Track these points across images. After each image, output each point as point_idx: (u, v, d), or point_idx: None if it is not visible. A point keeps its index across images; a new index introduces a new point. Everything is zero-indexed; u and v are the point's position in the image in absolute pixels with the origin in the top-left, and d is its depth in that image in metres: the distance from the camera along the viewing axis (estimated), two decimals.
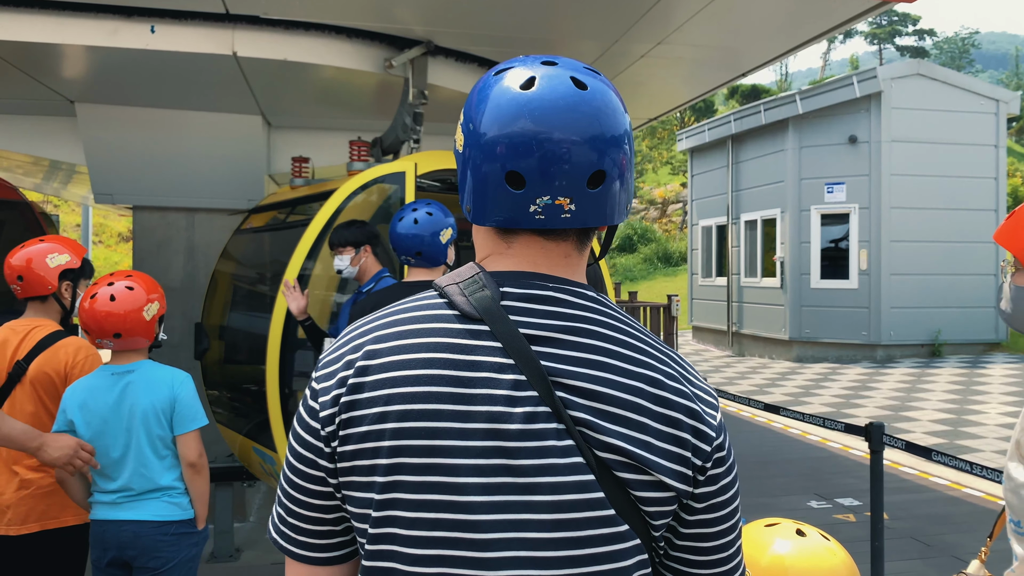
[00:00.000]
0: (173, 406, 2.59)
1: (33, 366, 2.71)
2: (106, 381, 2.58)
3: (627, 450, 0.95)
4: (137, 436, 2.56)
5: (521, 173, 0.95)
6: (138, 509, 2.54)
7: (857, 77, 13.19)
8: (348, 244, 3.96)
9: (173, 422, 2.59)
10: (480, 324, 0.97)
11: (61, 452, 2.36)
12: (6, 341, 2.74)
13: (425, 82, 5.43)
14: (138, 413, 2.56)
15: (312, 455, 1.00)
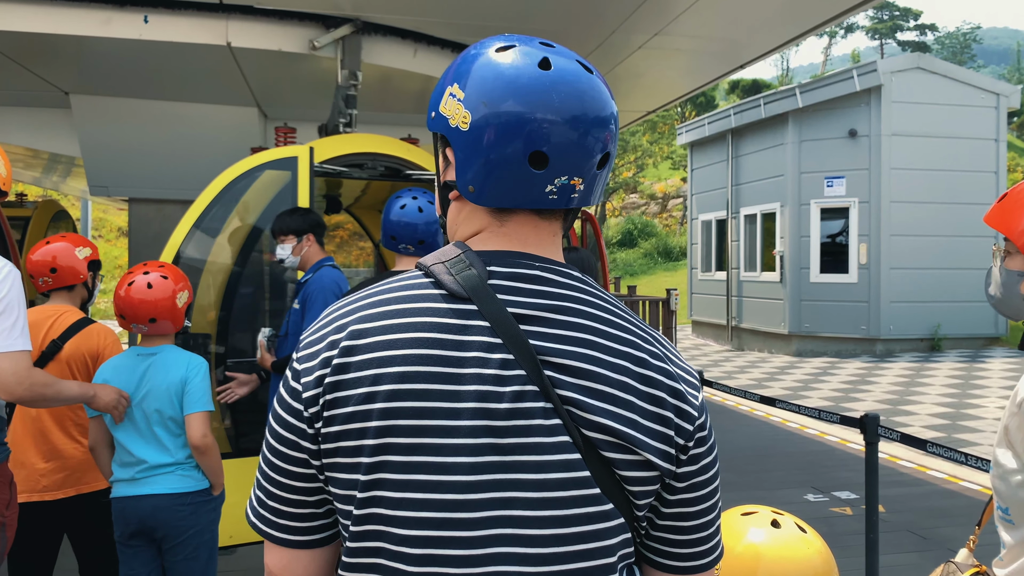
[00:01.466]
0: (184, 387, 2.76)
1: (68, 346, 2.96)
2: (132, 362, 2.80)
3: (613, 428, 0.95)
4: (151, 414, 2.75)
5: (547, 153, 0.96)
6: (155, 484, 2.72)
7: (857, 71, 13.14)
8: (290, 232, 3.83)
9: (183, 403, 2.75)
10: (468, 303, 0.97)
11: (109, 398, 2.68)
12: (38, 323, 2.99)
13: (358, 63, 5.24)
14: (154, 392, 2.75)
15: (294, 436, 0.99)
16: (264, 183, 4.53)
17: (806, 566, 1.48)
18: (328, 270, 3.78)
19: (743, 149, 15.39)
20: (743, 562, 1.48)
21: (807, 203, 13.70)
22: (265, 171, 4.43)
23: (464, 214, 1.05)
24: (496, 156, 0.97)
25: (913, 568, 4.41)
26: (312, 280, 3.73)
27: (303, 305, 3.71)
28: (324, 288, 3.70)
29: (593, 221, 7.18)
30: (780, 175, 14.06)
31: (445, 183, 1.06)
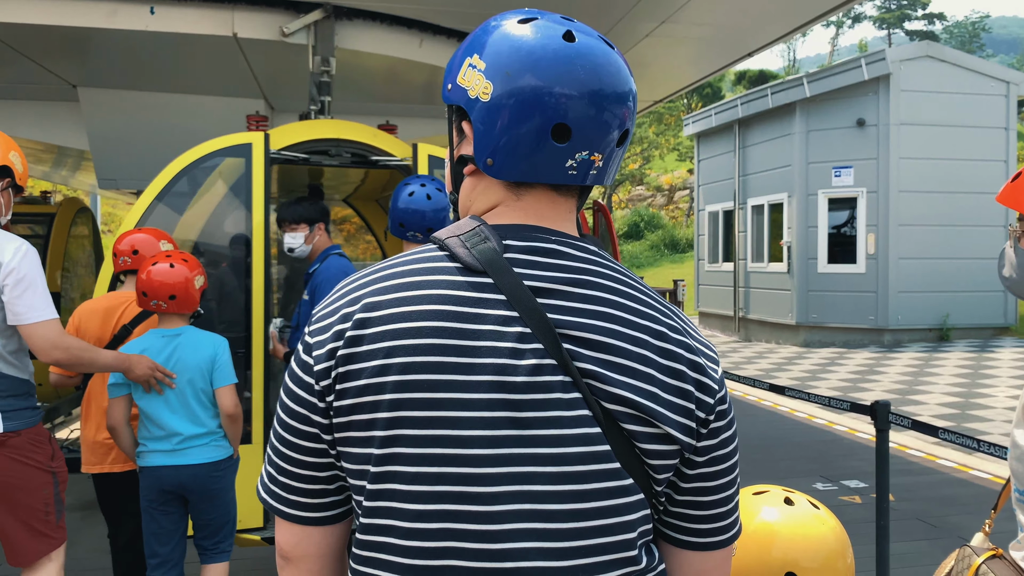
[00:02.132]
0: (214, 363, 3.06)
1: (137, 330, 3.23)
2: (158, 342, 3.03)
3: (635, 401, 0.94)
4: (183, 389, 3.02)
5: (570, 126, 0.95)
6: (194, 455, 3.04)
7: (865, 59, 13.06)
8: (302, 221, 3.79)
9: (213, 377, 3.06)
10: (483, 276, 0.96)
11: (145, 369, 2.87)
12: (112, 308, 3.30)
13: (331, 48, 5.13)
14: (186, 370, 3.01)
15: (305, 411, 0.98)
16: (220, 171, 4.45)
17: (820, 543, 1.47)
18: (335, 259, 3.75)
19: (750, 139, 15.32)
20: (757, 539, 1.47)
21: (815, 193, 13.63)
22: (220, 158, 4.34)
23: (480, 189, 1.04)
24: (519, 128, 0.95)
25: (923, 556, 4.40)
26: (320, 270, 3.70)
27: (312, 296, 3.68)
28: (332, 278, 3.66)
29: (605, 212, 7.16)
30: (787, 165, 13.99)
31: (460, 157, 1.04)
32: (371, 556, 0.95)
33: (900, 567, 4.06)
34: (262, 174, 4.32)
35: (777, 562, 1.43)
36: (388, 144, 4.67)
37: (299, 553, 1.03)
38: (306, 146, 4.60)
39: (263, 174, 4.31)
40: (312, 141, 4.60)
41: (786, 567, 1.42)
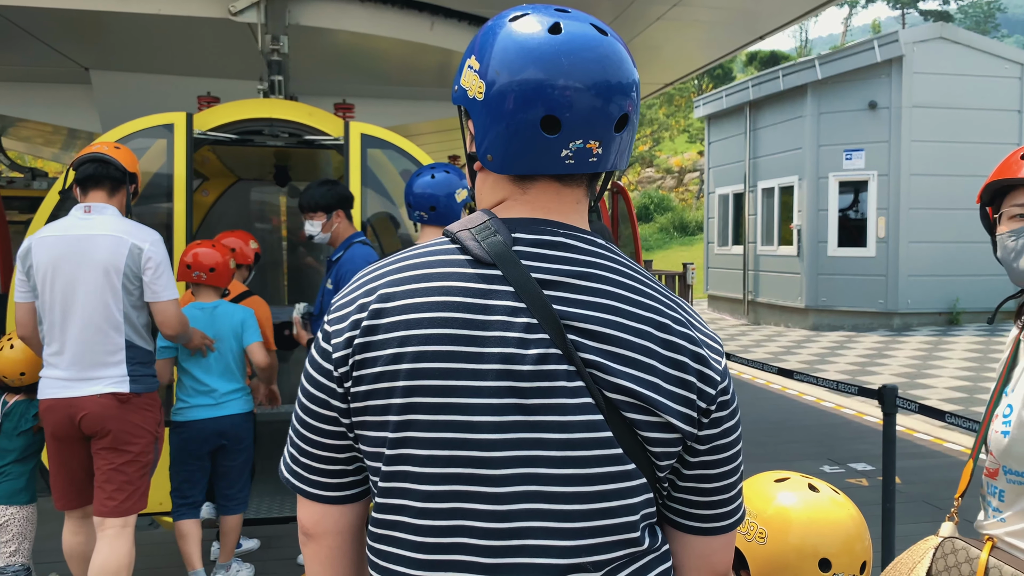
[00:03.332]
0: (243, 326, 3.74)
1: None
2: (199, 313, 3.65)
3: (636, 391, 0.97)
4: (222, 351, 3.65)
5: (557, 116, 0.97)
6: (230, 407, 3.65)
7: (878, 41, 12.94)
8: (319, 208, 3.73)
9: (243, 338, 3.73)
10: (492, 269, 0.99)
11: (198, 339, 3.53)
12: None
13: (282, 26, 5.03)
14: (223, 336, 3.65)
15: (324, 395, 1.03)
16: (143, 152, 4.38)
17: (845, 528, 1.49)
18: (359, 247, 3.74)
19: (761, 122, 15.23)
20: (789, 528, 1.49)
21: (825, 176, 13.56)
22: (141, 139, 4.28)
23: (488, 184, 1.07)
24: (510, 123, 0.98)
25: None
26: (344, 259, 3.70)
27: (337, 284, 3.67)
28: (356, 268, 3.66)
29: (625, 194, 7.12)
30: (798, 148, 13.92)
31: (469, 155, 1.08)
32: (386, 533, 1.01)
33: (906, 548, 4.10)
34: (184, 155, 4.24)
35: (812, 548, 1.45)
36: (324, 123, 4.58)
37: (320, 530, 1.08)
38: (239, 126, 4.51)
39: (185, 155, 4.24)
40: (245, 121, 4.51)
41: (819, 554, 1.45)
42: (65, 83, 7.30)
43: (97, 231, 3.04)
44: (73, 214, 3.10)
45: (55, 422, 3.01)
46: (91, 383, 2.98)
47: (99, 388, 2.98)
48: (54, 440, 3.07)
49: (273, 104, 4.64)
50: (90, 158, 3.16)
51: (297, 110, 4.62)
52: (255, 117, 4.52)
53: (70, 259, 3.00)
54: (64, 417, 2.99)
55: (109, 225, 3.06)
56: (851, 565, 1.46)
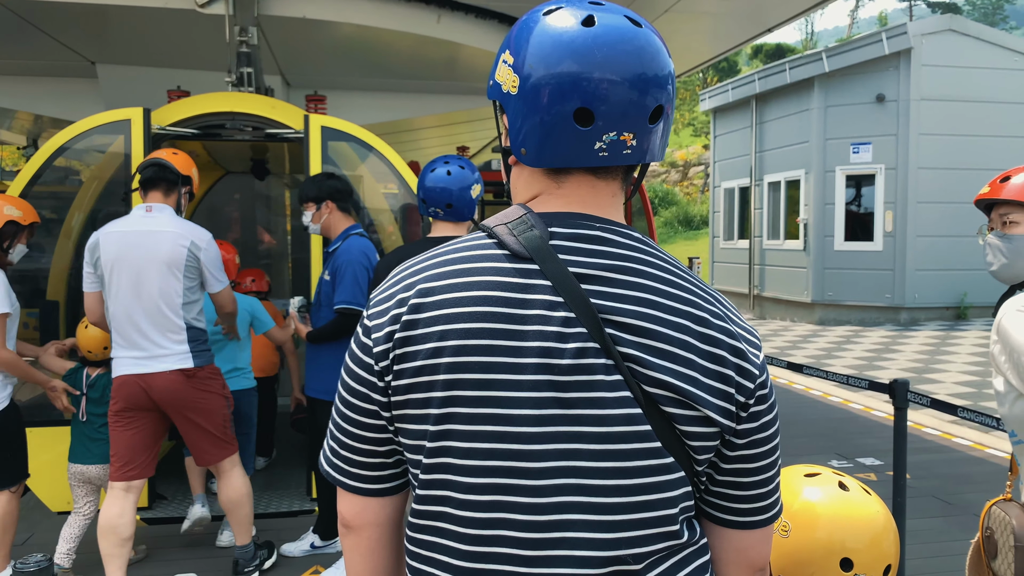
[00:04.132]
0: (252, 316, 4.44)
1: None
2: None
3: (674, 385, 0.97)
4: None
5: (591, 109, 0.96)
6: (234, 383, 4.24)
7: (886, 33, 12.86)
8: (308, 200, 3.78)
9: (255, 326, 4.46)
10: (530, 263, 0.99)
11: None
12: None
13: (252, 17, 4.97)
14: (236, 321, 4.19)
15: (365, 389, 1.04)
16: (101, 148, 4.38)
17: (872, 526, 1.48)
18: (356, 239, 3.74)
19: (767, 115, 15.17)
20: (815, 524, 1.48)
21: (832, 170, 13.50)
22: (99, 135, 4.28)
23: (523, 178, 1.08)
24: (543, 116, 0.98)
25: (938, 532, 4.43)
26: (340, 251, 3.71)
27: (333, 276, 3.68)
28: (352, 261, 3.68)
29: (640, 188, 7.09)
30: (805, 141, 13.86)
31: (504, 149, 1.08)
32: (428, 524, 1.01)
33: (916, 543, 4.09)
34: (141, 151, 4.21)
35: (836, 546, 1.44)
36: (285, 115, 4.55)
37: (360, 522, 1.10)
38: (201, 120, 4.48)
39: (143, 151, 4.20)
40: (207, 115, 4.49)
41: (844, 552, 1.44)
42: (71, 76, 7.30)
43: (158, 228, 3.44)
44: (135, 212, 3.50)
45: (128, 395, 3.43)
46: (160, 360, 3.43)
47: (168, 365, 3.44)
48: (124, 413, 3.46)
49: (235, 98, 4.59)
50: (150, 163, 3.56)
51: (259, 103, 4.58)
52: (217, 111, 4.48)
53: (135, 252, 3.40)
54: (138, 390, 3.42)
55: (168, 223, 3.46)
56: (874, 567, 1.44)
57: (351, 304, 3.64)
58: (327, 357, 3.68)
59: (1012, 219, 2.03)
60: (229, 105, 4.55)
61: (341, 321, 3.65)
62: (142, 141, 4.22)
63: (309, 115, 4.49)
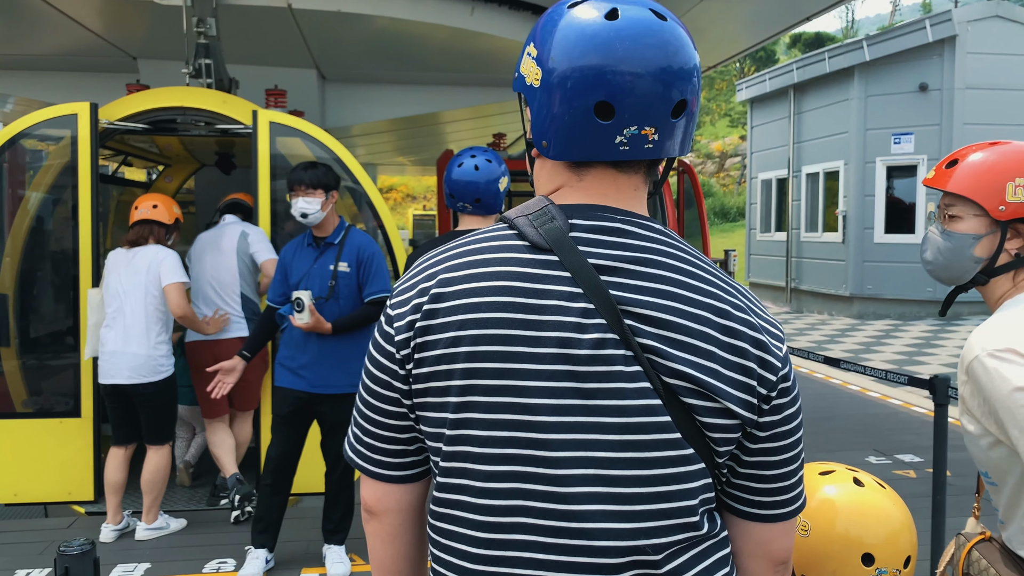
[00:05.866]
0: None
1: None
2: None
3: (694, 376, 0.97)
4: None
5: (611, 103, 0.97)
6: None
7: (930, 21, 12.56)
8: (319, 186, 3.66)
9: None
10: (550, 255, 1.00)
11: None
12: None
13: (210, 8, 4.86)
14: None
15: (387, 377, 1.05)
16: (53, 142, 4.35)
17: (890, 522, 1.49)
18: (361, 232, 3.82)
19: (806, 105, 14.92)
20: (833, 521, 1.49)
21: (872, 161, 13.25)
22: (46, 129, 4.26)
23: (546, 170, 1.08)
24: (564, 109, 0.99)
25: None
26: (361, 243, 3.74)
27: (359, 267, 3.69)
28: (377, 252, 3.77)
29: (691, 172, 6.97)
30: (844, 132, 13.61)
31: (528, 141, 1.09)
32: (448, 512, 1.03)
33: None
34: (88, 145, 4.17)
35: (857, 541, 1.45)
36: (236, 110, 4.51)
37: (382, 508, 1.12)
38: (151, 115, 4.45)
39: (89, 145, 4.17)
40: (158, 110, 4.46)
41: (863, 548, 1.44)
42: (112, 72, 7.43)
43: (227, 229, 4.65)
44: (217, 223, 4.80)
45: (201, 357, 4.42)
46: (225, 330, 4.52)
47: (231, 334, 4.52)
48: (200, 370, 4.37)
49: (186, 92, 4.57)
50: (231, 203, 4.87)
51: (211, 98, 4.55)
52: (168, 106, 4.46)
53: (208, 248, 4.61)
54: (209, 354, 4.33)
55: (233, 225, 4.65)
56: (895, 560, 1.46)
57: (387, 292, 3.69)
58: (351, 349, 3.68)
59: (953, 213, 1.69)
60: (179, 100, 4.51)
61: (374, 310, 3.69)
62: (89, 136, 4.20)
63: (258, 110, 4.43)
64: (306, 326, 3.59)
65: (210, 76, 4.85)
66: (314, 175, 3.69)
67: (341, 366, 3.71)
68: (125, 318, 4.06)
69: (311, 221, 3.69)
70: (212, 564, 3.91)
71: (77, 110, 4.22)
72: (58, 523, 4.40)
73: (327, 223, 3.74)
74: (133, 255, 4.11)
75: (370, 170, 15.92)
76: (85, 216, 4.26)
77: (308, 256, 3.76)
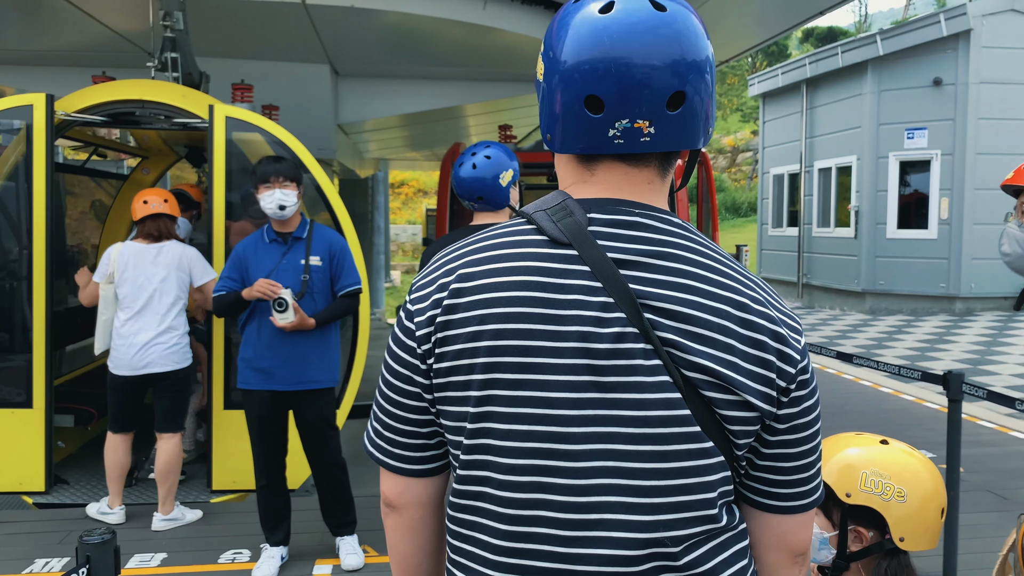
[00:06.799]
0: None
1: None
2: None
3: (714, 370, 0.97)
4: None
5: (600, 97, 0.97)
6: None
7: (944, 15, 12.45)
8: (295, 179, 3.65)
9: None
10: (569, 249, 1.00)
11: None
12: None
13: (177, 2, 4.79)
14: None
15: (408, 372, 1.06)
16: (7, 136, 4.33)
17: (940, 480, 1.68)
18: (320, 225, 3.82)
19: (818, 100, 14.83)
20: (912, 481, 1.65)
21: (885, 156, 13.16)
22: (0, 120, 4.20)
23: (561, 163, 1.09)
24: (558, 103, 1.00)
25: (992, 527, 4.32)
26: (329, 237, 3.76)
27: (333, 260, 3.71)
28: (346, 244, 3.80)
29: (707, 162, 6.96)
30: (857, 127, 13.52)
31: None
32: (469, 504, 1.03)
33: (969, 538, 4.00)
34: (43, 137, 4.13)
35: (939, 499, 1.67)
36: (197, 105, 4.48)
37: (402, 502, 1.12)
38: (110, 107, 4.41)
39: (44, 137, 4.13)
40: (116, 102, 4.42)
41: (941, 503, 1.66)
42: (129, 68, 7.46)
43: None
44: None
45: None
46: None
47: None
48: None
49: (145, 85, 4.54)
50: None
51: (170, 92, 4.52)
52: (126, 99, 4.43)
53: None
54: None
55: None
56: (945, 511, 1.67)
57: (359, 284, 3.81)
58: (326, 343, 3.72)
59: None
60: (139, 93, 4.48)
61: (350, 302, 3.78)
62: (44, 128, 4.17)
63: (215, 105, 4.39)
64: (290, 325, 3.53)
65: (177, 70, 4.79)
66: (290, 167, 3.66)
67: (319, 361, 3.69)
68: (157, 310, 4.17)
69: (287, 214, 3.62)
70: (227, 555, 3.94)
71: (33, 101, 4.19)
72: (72, 513, 4.45)
73: (294, 218, 3.70)
74: (158, 250, 4.23)
75: (382, 165, 15.94)
76: (40, 208, 4.22)
77: (272, 252, 3.68)
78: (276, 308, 3.50)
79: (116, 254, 4.20)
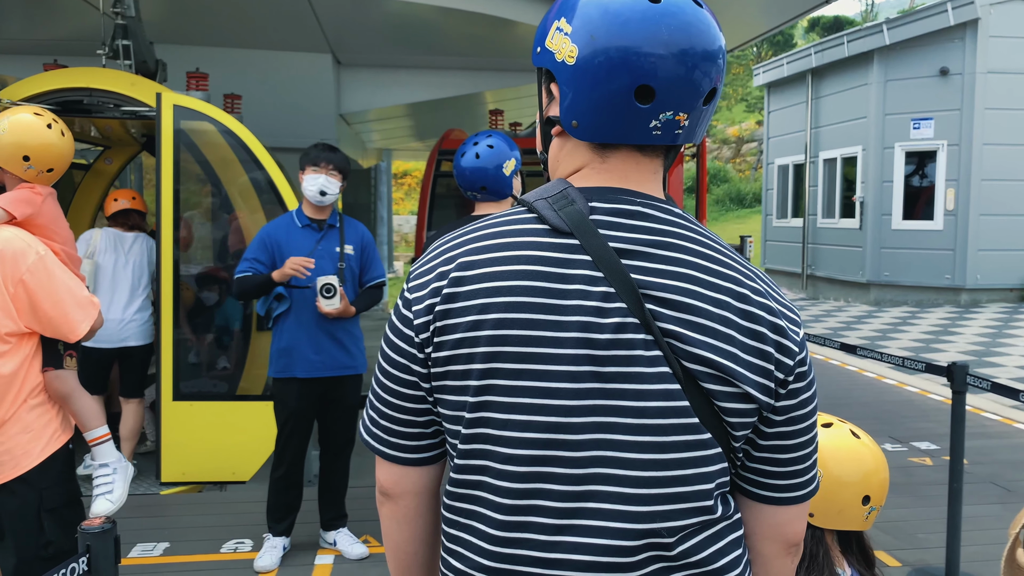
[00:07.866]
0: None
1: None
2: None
3: (714, 361, 0.97)
4: None
5: (654, 87, 0.96)
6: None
7: (952, 4, 12.35)
8: (343, 172, 3.65)
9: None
10: (570, 238, 1.00)
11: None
12: None
13: None
14: None
15: (406, 360, 1.05)
16: None
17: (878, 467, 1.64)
18: (350, 217, 3.87)
19: (824, 90, 14.75)
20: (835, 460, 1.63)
21: (891, 146, 13.09)
22: None
23: (566, 150, 1.07)
24: (602, 90, 0.97)
25: (995, 519, 4.31)
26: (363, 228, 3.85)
27: (364, 250, 3.78)
28: (371, 237, 3.89)
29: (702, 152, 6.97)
30: (863, 117, 13.45)
31: (548, 119, 1.07)
32: (466, 493, 1.03)
33: (973, 530, 3.99)
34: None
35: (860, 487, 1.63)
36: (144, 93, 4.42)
37: (398, 491, 1.12)
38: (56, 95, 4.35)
39: None
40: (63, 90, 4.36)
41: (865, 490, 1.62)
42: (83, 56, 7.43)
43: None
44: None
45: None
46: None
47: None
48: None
49: (94, 74, 4.49)
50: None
51: (118, 80, 4.47)
52: (73, 87, 4.38)
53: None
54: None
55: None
56: (881, 499, 1.66)
57: (384, 277, 3.89)
58: (359, 329, 3.84)
59: None
60: (86, 81, 4.42)
61: (379, 293, 3.86)
62: None
63: (162, 93, 4.33)
64: (335, 311, 3.52)
65: (129, 58, 4.70)
66: (343, 160, 3.67)
67: (354, 347, 3.77)
68: (130, 290, 4.75)
69: (326, 200, 3.62)
70: (230, 544, 3.96)
71: None
72: None
73: (330, 206, 3.73)
74: (134, 238, 4.84)
75: (385, 155, 15.92)
76: None
77: (307, 237, 3.66)
78: (324, 294, 3.46)
79: (97, 236, 4.75)
